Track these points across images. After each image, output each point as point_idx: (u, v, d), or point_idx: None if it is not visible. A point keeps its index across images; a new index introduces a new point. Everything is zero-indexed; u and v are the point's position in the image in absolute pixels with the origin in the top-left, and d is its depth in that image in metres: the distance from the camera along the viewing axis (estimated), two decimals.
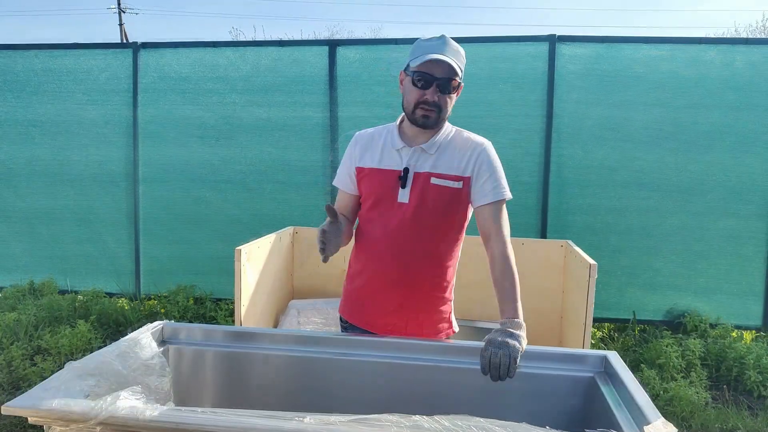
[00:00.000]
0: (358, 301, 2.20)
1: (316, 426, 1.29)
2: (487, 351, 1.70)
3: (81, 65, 5.59)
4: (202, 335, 1.96)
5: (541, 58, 4.96)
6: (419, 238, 2.05)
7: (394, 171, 2.07)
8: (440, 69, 1.94)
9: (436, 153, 2.05)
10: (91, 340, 4.57)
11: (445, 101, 1.99)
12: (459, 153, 2.06)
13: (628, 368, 1.72)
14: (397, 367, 1.83)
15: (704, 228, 4.90)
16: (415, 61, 1.95)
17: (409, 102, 2.01)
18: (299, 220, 5.24)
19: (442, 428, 1.29)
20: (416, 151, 2.06)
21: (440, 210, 2.04)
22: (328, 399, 1.85)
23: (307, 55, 5.31)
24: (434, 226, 2.05)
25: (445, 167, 2.05)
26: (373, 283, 2.13)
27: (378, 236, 2.09)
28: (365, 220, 2.16)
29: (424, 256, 2.07)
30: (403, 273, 2.07)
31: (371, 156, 2.13)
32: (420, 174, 2.04)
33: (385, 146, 2.12)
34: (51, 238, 5.78)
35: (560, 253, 4.05)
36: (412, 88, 1.99)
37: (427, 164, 2.05)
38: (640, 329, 5.02)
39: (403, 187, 2.05)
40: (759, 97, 4.76)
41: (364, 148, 2.15)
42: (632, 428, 1.43)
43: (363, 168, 2.13)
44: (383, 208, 2.08)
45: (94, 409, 1.33)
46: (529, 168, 5.02)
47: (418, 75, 1.95)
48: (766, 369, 4.12)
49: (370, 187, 2.11)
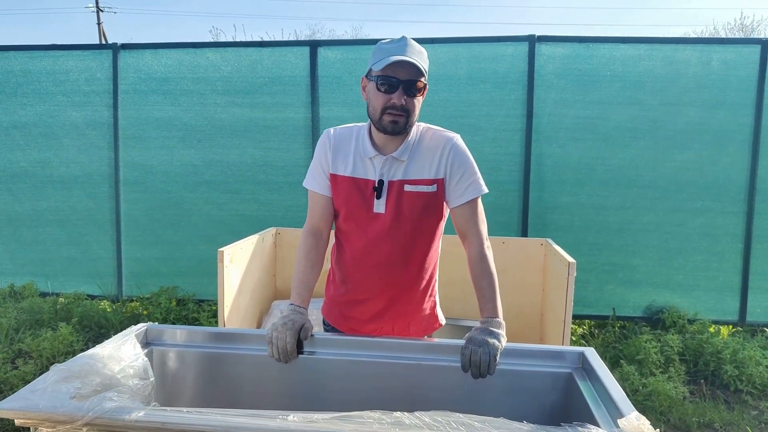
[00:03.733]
0: (342, 309, 2.20)
1: (300, 424, 1.32)
2: (467, 349, 1.73)
3: (60, 66, 5.55)
4: (186, 337, 1.97)
5: (521, 58, 5.02)
6: (398, 245, 2.04)
7: (368, 181, 2.03)
8: (404, 71, 1.88)
9: (407, 160, 2.01)
10: (72, 343, 4.55)
11: (412, 104, 1.93)
12: (430, 155, 2.02)
13: (605, 364, 1.76)
14: (380, 365, 1.85)
15: (681, 225, 4.99)
16: (377, 65, 1.89)
17: (375, 108, 1.94)
18: (282, 220, 5.26)
19: (422, 424, 1.33)
20: (388, 159, 2.01)
21: (416, 215, 2.02)
22: (311, 398, 1.87)
23: (288, 55, 5.32)
24: (412, 231, 2.04)
25: (417, 173, 2.01)
26: (356, 292, 2.14)
27: (357, 246, 2.08)
28: (342, 231, 2.13)
29: (404, 260, 2.07)
30: (386, 280, 2.08)
31: (343, 162, 2.06)
32: (394, 182, 2.01)
33: (356, 153, 2.05)
34: (32, 241, 5.74)
35: (540, 251, 4.11)
36: (377, 93, 1.92)
37: (399, 172, 2.01)
38: (620, 325, 5.10)
39: (378, 198, 2.01)
40: (733, 95, 4.86)
41: (336, 151, 2.08)
42: (607, 422, 1.47)
43: (336, 175, 2.06)
44: (359, 219, 2.05)
45: (81, 410, 1.35)
46: (510, 167, 5.08)
47: (382, 79, 1.89)
48: (742, 363, 4.20)
49: (344, 197, 2.05)
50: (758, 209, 4.91)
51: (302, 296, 1.99)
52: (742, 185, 4.90)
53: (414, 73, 1.89)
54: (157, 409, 1.39)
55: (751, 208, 4.91)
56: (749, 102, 4.84)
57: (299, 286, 2.01)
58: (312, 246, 2.09)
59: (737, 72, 4.85)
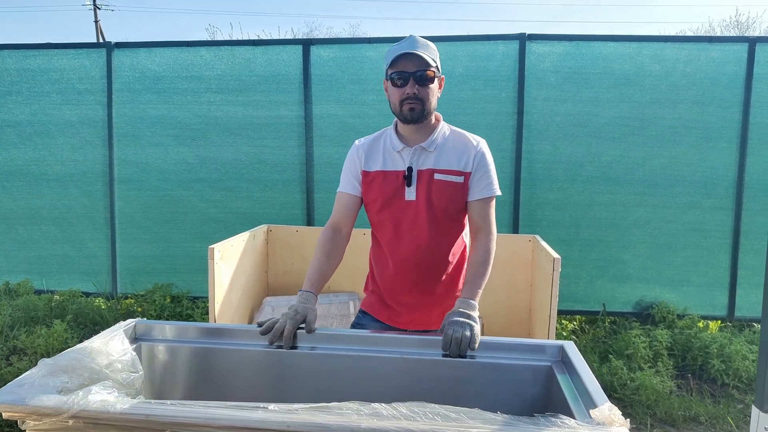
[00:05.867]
0: (382, 300, 2.32)
1: (280, 414, 1.35)
2: (449, 329, 1.84)
3: (55, 65, 5.58)
4: (175, 332, 2.00)
5: (512, 56, 5.05)
6: (432, 231, 2.17)
7: (398, 171, 2.18)
8: (412, 64, 2.06)
9: (435, 151, 2.17)
10: (67, 340, 4.58)
11: (425, 92, 2.10)
12: (458, 150, 2.19)
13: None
14: (363, 359, 1.88)
15: (670, 221, 5.04)
16: (389, 64, 2.10)
17: (395, 102, 2.13)
18: (276, 218, 5.30)
19: (399, 414, 1.36)
20: (416, 150, 2.17)
21: (446, 203, 2.16)
22: (296, 392, 1.91)
23: (281, 54, 5.35)
24: (443, 218, 2.17)
25: (446, 163, 2.17)
26: (395, 282, 2.25)
27: (392, 236, 2.21)
28: (377, 224, 2.26)
29: (438, 247, 2.20)
30: (423, 267, 2.20)
31: (375, 160, 2.23)
32: (423, 171, 2.16)
33: (386, 149, 2.22)
34: (27, 239, 5.77)
35: (528, 247, 4.15)
36: (393, 89, 2.11)
37: (429, 161, 2.17)
38: (610, 321, 5.14)
39: (409, 186, 2.16)
40: (721, 92, 4.90)
41: (367, 152, 2.25)
42: (582, 413, 1.51)
43: (369, 172, 2.22)
44: (393, 208, 2.18)
45: (67, 403, 1.38)
46: (501, 164, 5.10)
47: (395, 75, 2.08)
48: (729, 358, 4.25)
49: (378, 190, 2.20)
50: (746, 205, 4.96)
51: (312, 280, 2.11)
52: (731, 181, 4.95)
53: (421, 64, 2.06)
54: (142, 402, 1.42)
55: (739, 204, 4.96)
56: (737, 99, 4.88)
57: (312, 272, 2.14)
58: (329, 238, 2.22)
59: (725, 69, 4.89)
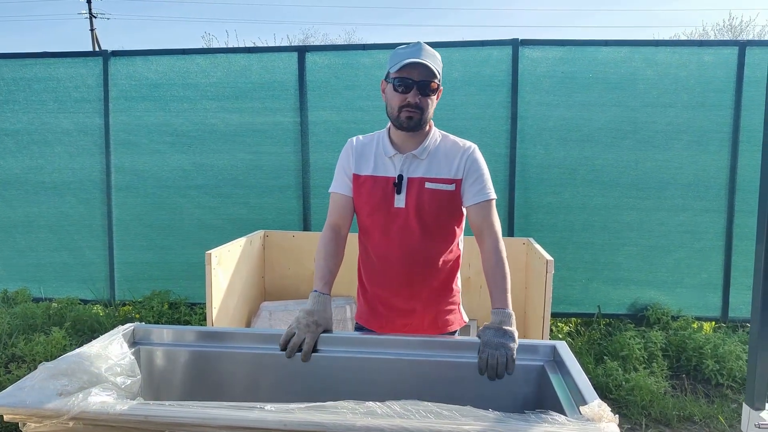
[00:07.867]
0: (372, 307, 2.31)
1: (276, 413, 1.39)
2: (484, 353, 1.82)
3: (51, 74, 5.61)
4: (173, 336, 2.02)
5: (505, 62, 5.10)
6: (421, 238, 2.16)
7: (388, 178, 2.16)
8: (418, 72, 2.04)
9: (427, 158, 2.15)
10: (65, 347, 4.60)
11: (426, 102, 2.08)
12: (449, 157, 2.16)
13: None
14: (360, 360, 1.91)
15: (663, 223, 5.08)
16: (394, 68, 2.06)
17: (393, 107, 2.10)
18: (272, 223, 5.33)
19: (393, 412, 1.40)
20: (408, 157, 2.15)
21: (436, 211, 2.15)
22: (294, 394, 1.93)
23: (276, 61, 5.39)
24: (432, 227, 2.16)
25: (437, 171, 2.14)
26: (384, 289, 2.25)
27: (381, 243, 2.20)
28: (366, 229, 2.25)
29: (427, 255, 2.18)
30: (411, 274, 2.19)
31: (366, 163, 2.20)
32: (414, 179, 2.14)
33: (377, 154, 2.20)
34: (25, 247, 5.78)
35: (522, 250, 4.19)
36: (394, 94, 2.08)
37: (420, 170, 2.14)
38: (605, 323, 5.17)
39: (399, 193, 2.14)
40: (713, 96, 4.95)
41: (359, 154, 2.23)
42: (573, 410, 1.54)
43: (359, 175, 2.20)
44: (381, 215, 2.17)
45: (67, 405, 1.41)
46: (495, 168, 5.14)
47: (398, 80, 2.05)
48: (723, 358, 4.29)
49: (367, 195, 2.18)
50: (738, 207, 5.00)
51: (325, 280, 2.09)
52: (723, 183, 5.00)
53: (427, 74, 2.05)
54: (140, 403, 1.45)
55: (731, 205, 5.00)
56: (728, 102, 4.93)
57: (322, 271, 2.12)
58: (330, 238, 2.21)
59: (716, 73, 4.94)
